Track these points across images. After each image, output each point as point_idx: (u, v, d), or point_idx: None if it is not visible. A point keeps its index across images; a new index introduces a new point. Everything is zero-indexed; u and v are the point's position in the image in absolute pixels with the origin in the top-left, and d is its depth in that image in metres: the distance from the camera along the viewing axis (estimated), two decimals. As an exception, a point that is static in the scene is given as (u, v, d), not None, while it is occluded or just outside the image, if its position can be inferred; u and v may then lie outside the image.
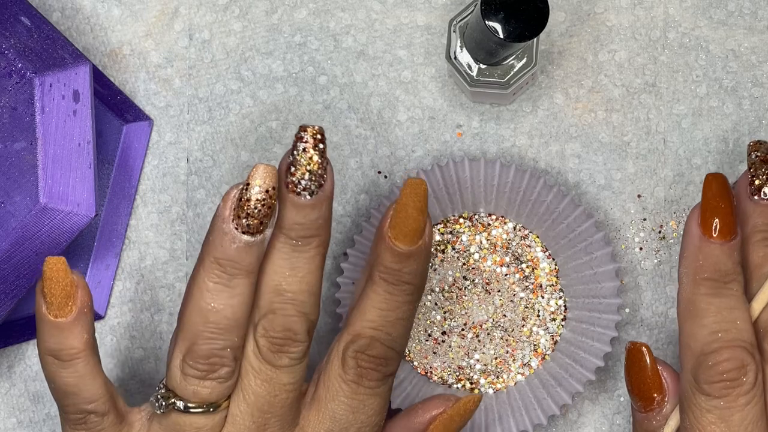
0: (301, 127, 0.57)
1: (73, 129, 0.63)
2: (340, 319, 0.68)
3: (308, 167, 0.57)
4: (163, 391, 0.60)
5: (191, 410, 0.59)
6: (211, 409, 0.59)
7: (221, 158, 0.72)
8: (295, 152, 0.57)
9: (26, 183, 0.62)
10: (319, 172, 0.57)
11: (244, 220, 0.57)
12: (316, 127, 0.57)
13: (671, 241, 0.71)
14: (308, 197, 0.57)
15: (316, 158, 0.57)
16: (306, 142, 0.57)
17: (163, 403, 0.59)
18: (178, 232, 0.72)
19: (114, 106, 0.71)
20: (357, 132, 0.72)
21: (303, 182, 0.57)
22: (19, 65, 0.61)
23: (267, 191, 0.57)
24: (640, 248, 0.71)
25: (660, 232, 0.71)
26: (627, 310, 0.71)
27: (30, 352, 0.72)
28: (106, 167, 0.71)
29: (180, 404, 0.59)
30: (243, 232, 0.57)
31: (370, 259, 0.61)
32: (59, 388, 0.60)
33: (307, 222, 0.58)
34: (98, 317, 0.71)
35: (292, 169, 0.57)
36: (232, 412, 0.60)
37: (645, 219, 0.71)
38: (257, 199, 0.57)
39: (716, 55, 0.71)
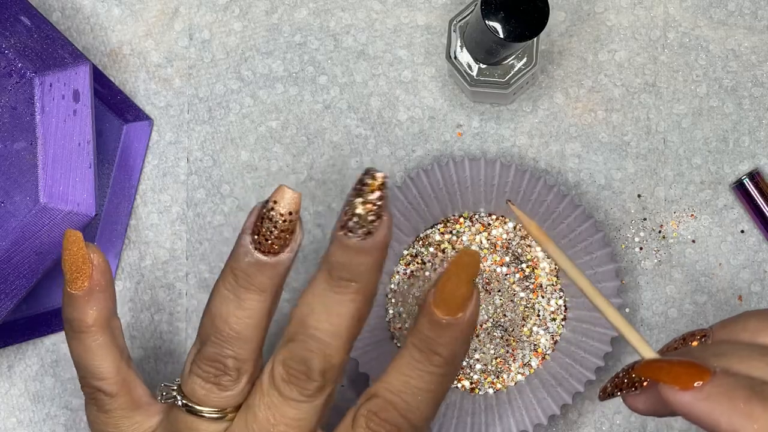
0: (367, 169, 0.56)
1: (73, 129, 0.63)
2: None
3: (358, 211, 0.56)
4: (173, 386, 0.60)
5: (188, 408, 0.59)
6: (214, 416, 0.59)
7: (221, 158, 0.72)
8: (353, 192, 0.57)
9: (26, 183, 0.62)
10: (369, 218, 0.56)
11: (256, 236, 0.57)
12: (380, 175, 0.56)
13: (671, 241, 0.71)
14: (355, 240, 0.56)
15: (369, 205, 0.56)
16: (365, 185, 0.56)
17: (164, 394, 0.60)
18: (178, 232, 0.72)
19: (114, 106, 0.71)
20: (357, 132, 0.72)
21: (350, 224, 0.56)
22: (19, 65, 0.61)
23: (282, 215, 0.56)
24: (640, 248, 0.71)
25: (660, 232, 0.71)
26: (627, 310, 0.71)
27: (30, 352, 0.72)
28: (106, 167, 0.71)
29: (179, 398, 0.59)
30: (255, 248, 0.57)
31: (411, 325, 0.59)
32: (72, 355, 0.61)
33: (350, 265, 0.57)
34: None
35: (346, 208, 0.56)
36: (231, 428, 0.59)
37: (645, 219, 0.71)
38: (271, 220, 0.56)
39: (716, 55, 0.71)
